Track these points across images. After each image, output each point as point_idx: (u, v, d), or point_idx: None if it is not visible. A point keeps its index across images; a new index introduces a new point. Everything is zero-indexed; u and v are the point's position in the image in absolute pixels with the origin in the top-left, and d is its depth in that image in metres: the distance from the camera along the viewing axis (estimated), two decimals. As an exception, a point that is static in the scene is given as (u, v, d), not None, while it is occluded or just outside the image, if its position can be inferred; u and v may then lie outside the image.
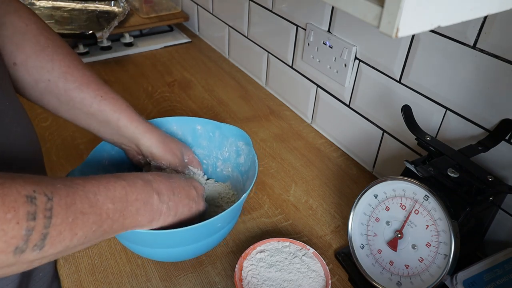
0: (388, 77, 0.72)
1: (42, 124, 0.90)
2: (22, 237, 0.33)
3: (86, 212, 0.39)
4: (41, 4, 1.28)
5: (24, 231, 0.33)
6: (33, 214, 0.34)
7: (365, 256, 0.59)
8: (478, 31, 0.56)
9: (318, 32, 0.83)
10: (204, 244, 0.58)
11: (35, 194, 0.34)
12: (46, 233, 0.35)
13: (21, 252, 0.34)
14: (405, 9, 0.23)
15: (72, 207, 0.37)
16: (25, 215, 0.33)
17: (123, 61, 1.18)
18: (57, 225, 0.36)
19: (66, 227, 0.37)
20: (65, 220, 0.36)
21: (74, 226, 0.37)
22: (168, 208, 0.50)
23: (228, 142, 0.70)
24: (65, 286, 0.59)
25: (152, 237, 0.51)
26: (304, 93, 0.94)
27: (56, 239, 0.36)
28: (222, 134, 0.71)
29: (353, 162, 0.85)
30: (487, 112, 0.58)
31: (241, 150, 0.69)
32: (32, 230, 0.34)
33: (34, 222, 0.34)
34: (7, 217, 0.32)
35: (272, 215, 0.72)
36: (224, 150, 0.71)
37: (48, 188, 0.36)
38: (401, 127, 0.70)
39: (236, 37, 1.14)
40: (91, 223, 0.39)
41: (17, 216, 0.33)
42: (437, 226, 0.51)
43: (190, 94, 1.04)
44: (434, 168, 0.52)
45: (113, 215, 0.42)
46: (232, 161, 0.71)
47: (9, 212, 0.32)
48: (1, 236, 0.32)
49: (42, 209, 0.34)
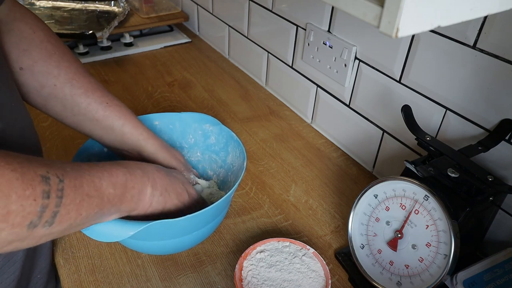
0: (388, 77, 0.72)
1: (42, 124, 0.90)
2: (37, 213, 0.36)
3: (92, 195, 0.42)
4: (41, 4, 1.28)
5: (40, 208, 0.36)
6: (47, 192, 0.36)
7: (365, 256, 0.59)
8: (478, 31, 0.56)
9: (318, 32, 0.83)
10: (195, 235, 0.59)
11: (49, 175, 0.37)
12: (56, 211, 0.38)
13: (34, 227, 0.36)
14: (405, 9, 0.23)
15: (80, 189, 0.40)
16: (40, 193, 0.36)
17: (123, 61, 1.18)
18: (66, 204, 0.39)
19: (74, 207, 0.40)
20: (74, 200, 0.39)
21: (80, 207, 0.40)
22: (157, 202, 0.53)
23: (192, 128, 0.72)
24: (65, 286, 0.59)
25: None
26: (304, 93, 0.94)
27: (64, 217, 0.39)
28: (183, 123, 0.72)
29: (353, 162, 0.85)
30: (487, 112, 0.59)
31: (209, 131, 0.71)
32: (45, 208, 0.36)
33: (48, 200, 0.36)
34: (26, 193, 0.35)
35: (272, 215, 0.72)
36: (188, 137, 0.73)
37: (59, 171, 0.39)
38: (401, 127, 0.70)
39: (236, 37, 1.14)
40: (95, 205, 0.42)
41: (34, 193, 0.35)
42: (437, 226, 0.51)
43: (190, 94, 1.04)
44: (434, 168, 0.52)
45: (113, 199, 0.45)
46: (200, 145, 0.73)
47: (27, 189, 0.35)
48: (20, 211, 0.34)
49: (55, 189, 0.37)
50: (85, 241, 0.66)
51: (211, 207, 0.54)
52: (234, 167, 0.68)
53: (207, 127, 0.71)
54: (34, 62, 0.54)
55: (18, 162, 0.35)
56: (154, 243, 0.58)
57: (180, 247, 0.62)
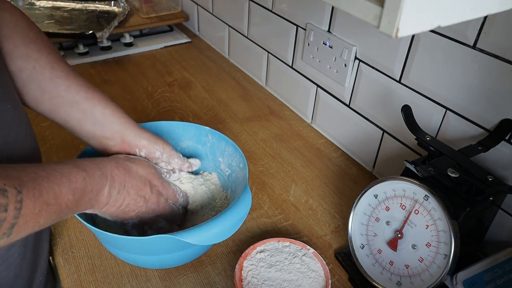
0: (388, 77, 0.72)
1: (42, 124, 0.90)
2: None
3: (50, 203, 0.41)
4: (41, 4, 1.28)
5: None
6: (5, 206, 0.36)
7: (365, 256, 0.59)
8: (478, 31, 0.56)
9: (318, 32, 0.83)
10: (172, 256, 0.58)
11: (6, 187, 0.36)
12: (14, 223, 0.37)
13: None
14: (405, 9, 0.23)
15: (39, 199, 0.39)
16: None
17: (123, 61, 1.18)
18: (25, 215, 0.38)
19: (32, 217, 0.39)
20: (32, 210, 0.39)
21: (39, 216, 0.40)
22: (114, 200, 0.52)
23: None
24: (65, 286, 0.59)
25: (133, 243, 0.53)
26: (304, 93, 0.94)
27: (22, 227, 0.38)
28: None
29: (353, 162, 0.85)
30: (487, 112, 0.58)
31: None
32: (3, 221, 0.36)
33: (5, 214, 0.36)
34: None
35: (272, 215, 0.72)
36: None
37: (16, 181, 0.38)
38: (401, 127, 0.70)
39: (236, 37, 1.14)
40: (53, 212, 0.42)
41: None
42: (437, 226, 0.51)
43: (190, 94, 1.04)
44: (434, 168, 0.52)
45: (70, 204, 0.44)
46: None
47: None
48: None
49: (13, 201, 0.36)
50: (85, 241, 0.66)
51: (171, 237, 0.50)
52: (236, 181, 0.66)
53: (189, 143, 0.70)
54: (15, 46, 0.53)
55: None
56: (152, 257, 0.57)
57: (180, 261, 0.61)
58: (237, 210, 0.54)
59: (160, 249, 0.55)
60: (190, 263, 0.63)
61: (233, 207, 0.54)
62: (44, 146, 0.84)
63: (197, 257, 0.63)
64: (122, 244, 0.54)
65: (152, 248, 0.54)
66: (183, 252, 0.57)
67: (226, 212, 0.53)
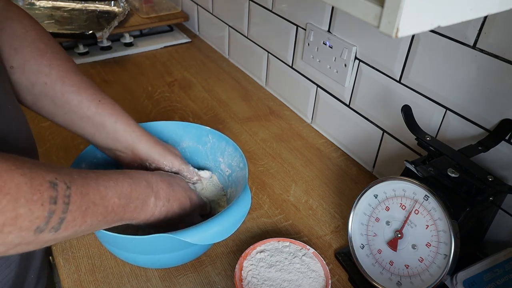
0: (388, 77, 0.72)
1: (42, 124, 0.90)
2: (44, 218, 0.36)
3: (97, 203, 0.42)
4: (41, 4, 1.28)
5: (47, 213, 0.36)
6: (54, 198, 0.37)
7: (365, 256, 0.59)
8: (478, 31, 0.56)
9: (318, 32, 0.83)
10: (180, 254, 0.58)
11: (56, 181, 0.37)
12: (63, 217, 0.38)
13: (40, 231, 0.36)
14: (405, 9, 0.23)
15: (86, 197, 0.41)
16: (48, 198, 0.36)
17: (123, 61, 1.18)
18: (73, 211, 0.39)
19: (80, 214, 0.40)
20: (80, 208, 0.40)
21: (86, 214, 0.41)
22: (159, 212, 0.53)
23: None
24: (65, 286, 0.59)
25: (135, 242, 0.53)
26: (304, 93, 0.94)
27: (70, 224, 0.39)
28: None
29: (353, 162, 0.85)
30: (487, 112, 0.58)
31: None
32: (53, 213, 0.37)
33: (55, 206, 0.37)
34: (34, 198, 0.35)
35: (272, 215, 0.72)
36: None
37: (67, 177, 0.39)
38: (401, 127, 0.70)
39: (236, 37, 1.14)
40: (99, 213, 0.43)
41: (42, 198, 0.36)
42: (437, 226, 0.51)
43: (190, 94, 1.04)
44: (434, 168, 0.52)
45: (117, 208, 0.46)
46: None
47: (35, 194, 0.35)
48: (28, 215, 0.35)
49: (62, 195, 0.38)
50: (85, 241, 0.66)
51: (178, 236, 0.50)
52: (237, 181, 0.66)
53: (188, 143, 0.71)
54: (26, 60, 0.54)
55: (27, 167, 0.35)
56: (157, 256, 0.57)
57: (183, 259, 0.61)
58: (236, 210, 0.54)
59: (159, 249, 0.55)
60: (190, 263, 0.63)
61: (233, 207, 0.54)
62: (44, 146, 0.84)
63: (197, 257, 0.63)
64: (122, 243, 0.54)
65: (152, 247, 0.54)
66: (182, 252, 0.57)
67: (225, 212, 0.53)
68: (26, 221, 0.35)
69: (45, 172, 0.37)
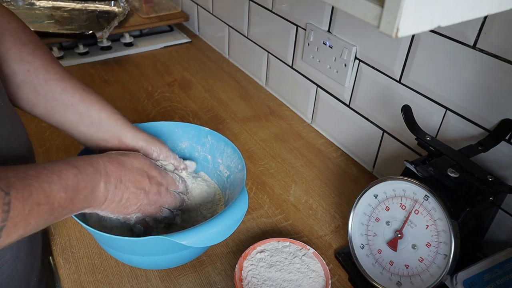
0: (388, 77, 0.72)
1: (42, 124, 0.90)
2: None
3: (41, 203, 0.40)
4: (41, 4, 1.28)
5: None
6: None
7: (365, 256, 0.59)
8: (478, 31, 0.56)
9: (318, 32, 0.83)
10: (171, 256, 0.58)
11: None
12: (3, 225, 0.36)
13: None
14: (405, 9, 0.23)
15: (28, 200, 0.38)
16: None
17: (123, 61, 1.18)
18: (14, 217, 0.37)
19: (22, 218, 0.38)
20: (22, 212, 0.37)
21: (29, 217, 0.39)
22: (112, 195, 0.51)
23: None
24: (65, 286, 0.59)
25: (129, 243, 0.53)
26: (304, 93, 0.94)
27: (11, 230, 0.37)
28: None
29: (353, 162, 0.85)
30: (487, 112, 0.58)
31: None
32: None
33: None
34: None
35: (272, 215, 0.72)
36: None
37: (3, 183, 0.36)
38: (401, 127, 0.70)
39: (236, 37, 1.14)
40: (44, 212, 0.40)
41: None
42: (437, 226, 0.51)
43: (190, 94, 1.04)
44: (434, 168, 0.52)
45: (64, 203, 0.43)
46: None
47: None
48: None
49: (0, 204, 0.35)
50: (85, 241, 0.66)
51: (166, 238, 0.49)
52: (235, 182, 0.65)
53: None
54: (8, 49, 0.53)
55: None
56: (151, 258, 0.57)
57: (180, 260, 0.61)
58: (233, 213, 0.53)
59: (155, 250, 0.55)
60: (190, 263, 0.63)
61: (229, 210, 0.53)
62: (44, 146, 0.84)
63: (193, 258, 0.62)
64: (118, 244, 0.54)
65: (148, 249, 0.54)
66: (179, 254, 0.57)
67: (222, 214, 0.52)
68: None
69: None
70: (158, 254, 0.55)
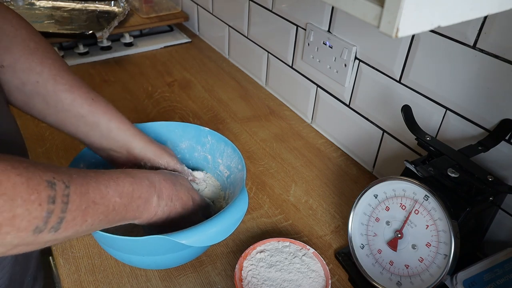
0: (388, 77, 0.72)
1: (42, 124, 0.89)
2: (43, 218, 0.36)
3: (97, 202, 0.42)
4: (41, 4, 1.28)
5: (45, 213, 0.36)
6: (53, 198, 0.36)
7: (365, 256, 0.59)
8: (478, 31, 0.56)
9: (318, 32, 0.83)
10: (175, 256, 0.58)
11: (54, 180, 0.37)
12: (62, 217, 0.38)
13: (39, 232, 0.36)
14: (405, 9, 0.23)
15: (85, 196, 0.40)
16: (46, 198, 0.36)
17: (123, 61, 1.18)
18: (72, 210, 0.38)
19: (79, 213, 0.39)
20: (79, 207, 0.39)
21: (86, 214, 0.40)
22: (162, 211, 0.52)
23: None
24: (65, 286, 0.59)
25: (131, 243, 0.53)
26: (304, 93, 0.94)
27: (70, 224, 0.39)
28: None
29: (353, 162, 0.85)
30: (487, 112, 0.58)
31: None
32: (51, 213, 0.36)
33: (53, 206, 0.36)
34: (31, 198, 0.35)
35: (272, 215, 0.72)
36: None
37: (65, 177, 0.39)
38: (401, 127, 0.70)
39: (236, 37, 1.14)
40: (100, 213, 0.42)
41: (40, 198, 0.35)
42: (437, 226, 0.51)
43: (190, 94, 1.04)
44: (434, 168, 0.52)
45: (118, 208, 0.45)
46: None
47: (33, 194, 0.35)
48: (26, 215, 0.34)
49: (60, 194, 0.37)
50: (85, 241, 0.66)
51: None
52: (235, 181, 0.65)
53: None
54: (16, 59, 0.53)
55: (24, 167, 0.35)
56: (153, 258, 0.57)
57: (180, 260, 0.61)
58: (233, 212, 0.54)
59: (155, 250, 0.55)
60: (190, 263, 0.63)
61: (229, 209, 0.53)
62: (44, 146, 0.84)
63: (193, 258, 0.62)
64: (118, 244, 0.54)
65: (148, 249, 0.54)
66: (179, 253, 0.57)
67: (222, 214, 0.52)
68: (24, 222, 0.34)
69: (42, 171, 0.36)
70: (158, 254, 0.55)
